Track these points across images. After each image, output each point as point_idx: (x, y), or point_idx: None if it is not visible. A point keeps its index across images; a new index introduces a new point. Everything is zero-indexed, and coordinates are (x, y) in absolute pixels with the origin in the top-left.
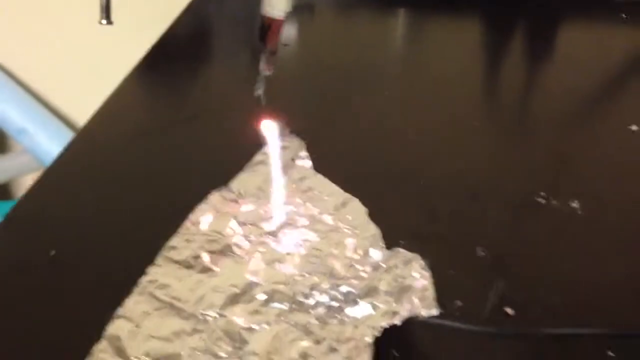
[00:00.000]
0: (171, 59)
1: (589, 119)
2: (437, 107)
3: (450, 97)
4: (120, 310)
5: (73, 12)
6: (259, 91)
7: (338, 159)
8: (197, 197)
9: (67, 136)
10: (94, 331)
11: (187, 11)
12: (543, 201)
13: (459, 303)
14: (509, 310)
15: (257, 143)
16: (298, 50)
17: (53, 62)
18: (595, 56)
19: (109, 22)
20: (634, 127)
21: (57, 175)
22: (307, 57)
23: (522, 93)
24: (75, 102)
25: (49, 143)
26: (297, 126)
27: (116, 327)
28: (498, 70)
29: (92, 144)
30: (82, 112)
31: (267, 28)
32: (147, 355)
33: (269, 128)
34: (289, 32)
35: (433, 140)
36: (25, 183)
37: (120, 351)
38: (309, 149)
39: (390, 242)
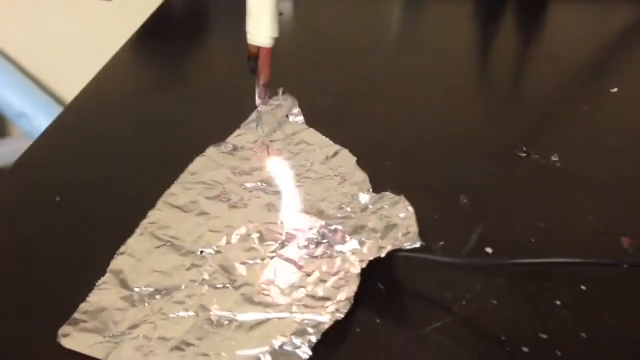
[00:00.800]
0: (169, 26)
1: (573, 82)
2: (429, 70)
3: (441, 63)
4: (123, 248)
5: None
6: (259, 127)
7: (330, 115)
8: (195, 151)
9: None
10: (99, 267)
11: None
12: (524, 154)
13: (441, 243)
14: (488, 250)
15: (253, 102)
16: (293, 19)
17: (51, 46)
18: (584, 28)
19: None
20: (615, 89)
21: (63, 127)
22: (301, 25)
23: (511, 60)
24: (74, 85)
25: None
26: (291, 86)
27: (119, 262)
28: (490, 39)
29: (96, 100)
30: None
31: (256, 59)
32: (149, 286)
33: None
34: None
35: (423, 100)
36: None
37: (123, 283)
38: (301, 106)
39: (378, 189)
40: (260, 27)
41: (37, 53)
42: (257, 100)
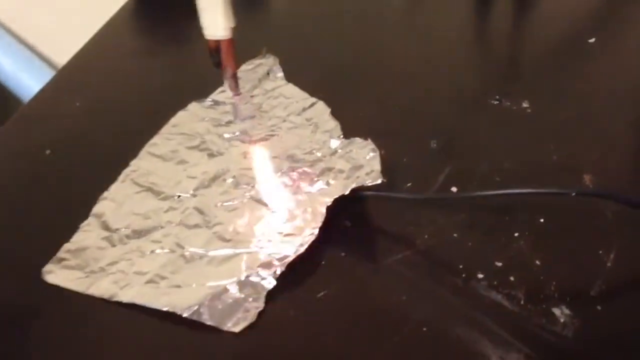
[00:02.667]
0: None
1: (551, 33)
2: (412, 25)
3: (423, 17)
4: (105, 194)
5: None
6: (236, 119)
7: (307, 70)
8: (179, 106)
9: None
10: (83, 212)
11: None
12: (496, 102)
13: (409, 185)
14: (454, 189)
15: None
16: None
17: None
18: None
19: None
20: (592, 40)
21: (57, 87)
22: None
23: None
24: None
25: None
26: (272, 46)
27: (101, 206)
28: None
29: (89, 62)
30: None
31: (218, 52)
32: (128, 227)
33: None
34: None
35: (403, 52)
36: None
37: (104, 225)
38: (282, 64)
39: (351, 135)
40: (216, 20)
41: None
42: (230, 92)
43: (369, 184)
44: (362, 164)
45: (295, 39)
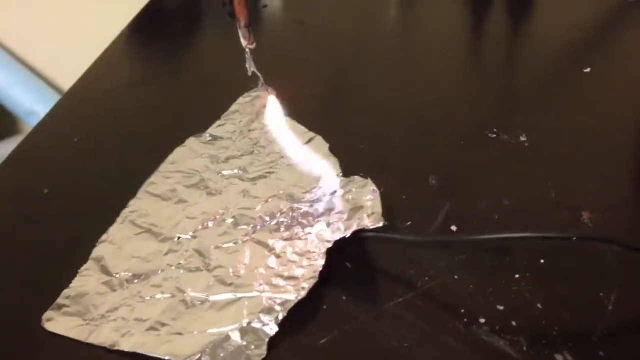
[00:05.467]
0: (158, 21)
1: (547, 63)
2: (406, 55)
3: (419, 48)
4: (104, 236)
5: None
6: (252, 69)
7: (306, 105)
8: (176, 143)
9: None
10: (82, 255)
11: None
12: (494, 135)
13: (409, 224)
14: (454, 228)
15: (235, 96)
16: (277, 11)
17: (58, 45)
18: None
19: None
20: (588, 70)
21: (55, 120)
22: (285, 17)
23: (491, 44)
24: None
25: None
26: (272, 77)
27: (100, 249)
28: (475, 25)
29: (86, 94)
30: None
31: (231, 2)
32: (128, 271)
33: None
34: None
35: (398, 84)
36: None
37: (104, 269)
38: (282, 97)
39: (350, 173)
40: None
41: (46, 52)
42: (243, 42)
43: (371, 227)
44: (363, 204)
45: (289, 70)
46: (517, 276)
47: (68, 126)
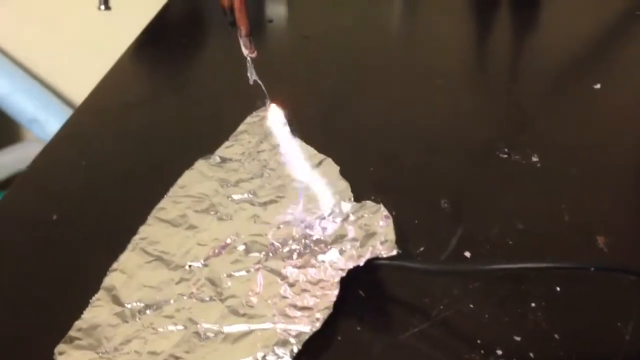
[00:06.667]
0: (163, 38)
1: (556, 79)
2: (414, 73)
3: (427, 65)
4: (115, 265)
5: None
6: (253, 77)
7: (314, 124)
8: (185, 164)
9: None
10: (93, 283)
11: None
12: (505, 155)
13: (421, 249)
14: (467, 254)
15: (242, 114)
16: (283, 26)
17: (61, 53)
18: (578, 24)
19: (107, 8)
20: (598, 86)
21: (58, 146)
22: (291, 32)
23: (498, 59)
24: (84, 91)
25: None
26: (279, 95)
27: (111, 278)
28: (479, 38)
29: (94, 113)
30: None
31: (231, 11)
32: (140, 301)
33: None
34: (275, 9)
35: (407, 102)
36: None
37: (115, 299)
38: (289, 115)
39: (361, 196)
40: None
41: (48, 59)
42: (244, 51)
43: (385, 255)
44: (376, 231)
45: (294, 86)
46: (533, 305)
47: (75, 149)
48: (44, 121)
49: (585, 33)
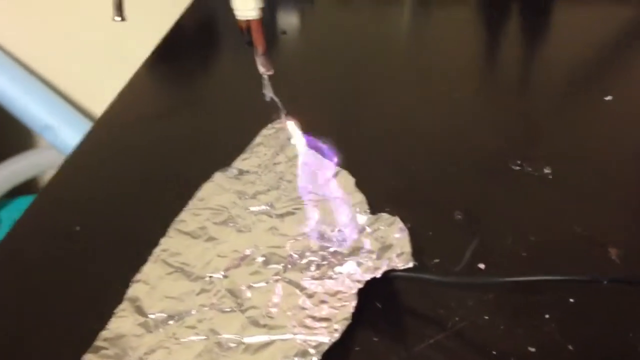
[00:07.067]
0: (179, 51)
1: (567, 90)
2: (428, 83)
3: (441, 76)
4: (138, 276)
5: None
6: (269, 94)
7: (329, 135)
8: (203, 176)
9: None
10: (115, 294)
11: (194, 5)
12: (518, 167)
13: (436, 261)
14: (481, 266)
15: (258, 126)
16: (296, 37)
17: (74, 60)
18: (588, 33)
19: (122, 19)
20: (609, 97)
21: (79, 158)
22: (304, 43)
23: (510, 70)
24: (96, 97)
25: (73, 138)
26: (294, 106)
27: (134, 289)
28: (490, 48)
29: (113, 127)
30: (104, 107)
31: (249, 32)
32: (162, 312)
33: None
34: (288, 20)
35: (421, 113)
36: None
37: (139, 310)
38: (304, 127)
39: (376, 207)
40: (246, 1)
41: (61, 67)
42: (261, 69)
43: (401, 267)
44: (392, 243)
45: (308, 97)
46: (547, 316)
47: (96, 162)
48: (57, 128)
49: (595, 41)
